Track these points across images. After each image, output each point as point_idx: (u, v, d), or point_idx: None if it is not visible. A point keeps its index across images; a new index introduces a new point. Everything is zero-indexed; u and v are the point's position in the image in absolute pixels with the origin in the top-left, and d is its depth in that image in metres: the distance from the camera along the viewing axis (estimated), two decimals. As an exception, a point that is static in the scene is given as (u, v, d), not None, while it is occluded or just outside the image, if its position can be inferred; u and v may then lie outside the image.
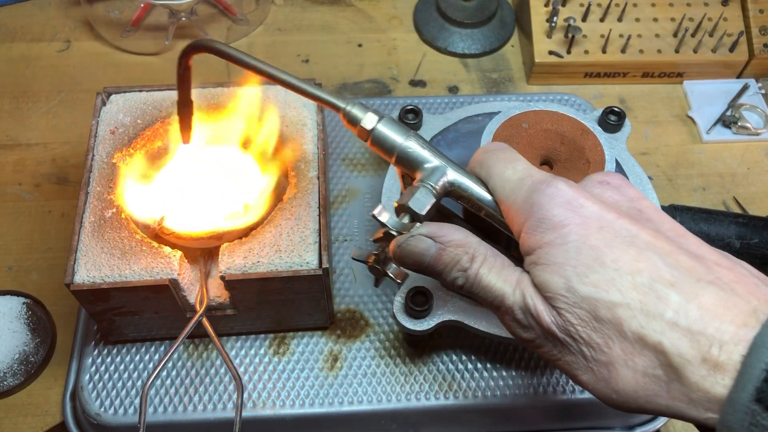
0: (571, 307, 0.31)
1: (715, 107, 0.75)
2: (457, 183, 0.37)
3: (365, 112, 0.38)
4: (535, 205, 0.33)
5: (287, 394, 0.53)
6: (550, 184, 0.33)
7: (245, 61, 0.38)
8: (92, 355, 0.54)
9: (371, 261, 0.39)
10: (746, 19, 0.76)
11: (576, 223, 0.31)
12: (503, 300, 0.34)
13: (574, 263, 0.31)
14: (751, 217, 0.57)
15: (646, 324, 0.29)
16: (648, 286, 0.29)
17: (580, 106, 0.71)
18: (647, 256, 0.30)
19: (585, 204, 0.32)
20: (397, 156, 0.38)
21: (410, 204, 0.36)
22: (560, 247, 0.31)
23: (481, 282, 0.35)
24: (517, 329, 0.34)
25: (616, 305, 0.30)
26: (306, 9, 0.85)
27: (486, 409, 0.53)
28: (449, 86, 0.78)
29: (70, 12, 0.83)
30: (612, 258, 0.30)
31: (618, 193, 0.34)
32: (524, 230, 0.33)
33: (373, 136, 0.38)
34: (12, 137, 0.72)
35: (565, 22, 0.76)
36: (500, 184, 0.36)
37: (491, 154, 0.37)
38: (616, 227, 0.31)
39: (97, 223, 0.49)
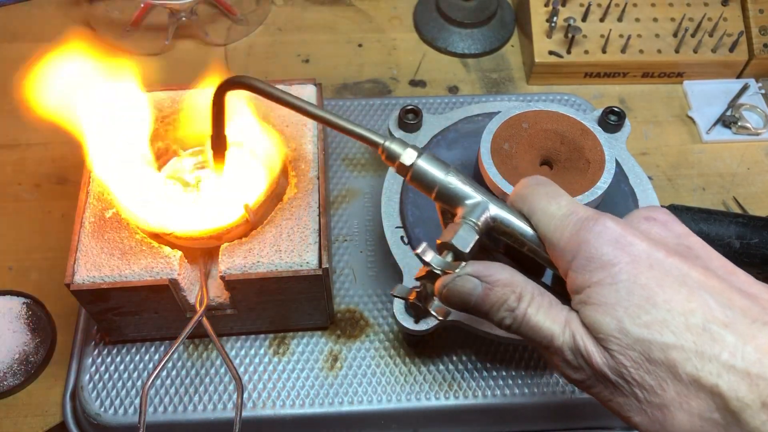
0: (624, 349, 0.30)
1: (715, 107, 0.75)
2: (500, 218, 0.37)
3: (404, 148, 0.38)
4: (582, 243, 0.32)
5: (287, 394, 0.53)
6: (598, 221, 0.33)
7: (281, 98, 0.38)
8: (92, 355, 0.54)
9: (413, 298, 0.39)
10: (746, 19, 0.76)
11: (625, 261, 0.31)
12: (552, 340, 0.33)
13: (626, 304, 0.30)
14: (751, 217, 0.57)
15: (702, 366, 0.28)
16: (702, 327, 0.29)
17: (580, 106, 0.71)
18: (699, 296, 0.30)
19: (634, 242, 0.32)
20: (438, 192, 0.38)
21: (454, 242, 0.36)
22: (610, 286, 0.31)
23: (529, 322, 0.34)
24: (567, 370, 0.33)
25: (670, 347, 0.29)
26: (306, 9, 0.85)
27: (486, 409, 0.53)
28: (449, 86, 0.78)
29: (70, 12, 0.83)
30: (664, 298, 0.30)
31: (665, 229, 0.34)
32: (571, 269, 0.33)
33: (413, 172, 0.38)
34: (12, 137, 0.72)
35: (565, 22, 0.76)
36: (544, 221, 0.35)
37: (533, 189, 0.36)
38: (666, 266, 0.31)
39: (97, 223, 0.49)
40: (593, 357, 0.31)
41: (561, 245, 0.34)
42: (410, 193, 0.55)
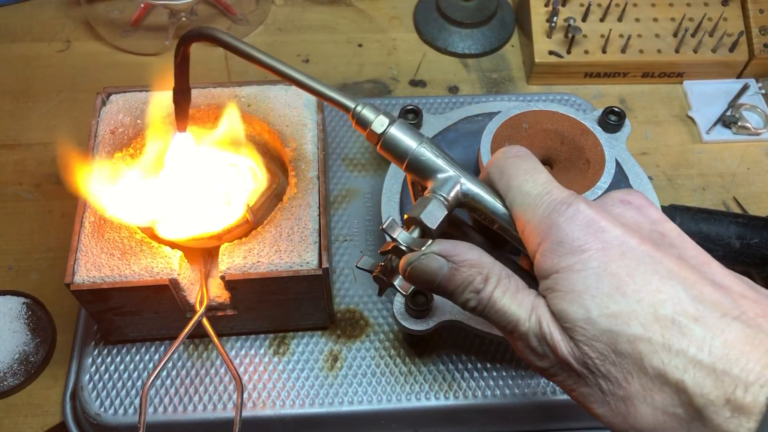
0: (590, 340, 0.30)
1: (715, 107, 0.75)
2: (471, 194, 0.36)
3: (376, 114, 0.36)
4: (553, 226, 0.31)
5: (287, 394, 0.53)
6: (571, 204, 0.32)
7: (247, 52, 0.36)
8: (92, 355, 0.54)
9: (377, 272, 0.37)
10: (746, 19, 0.76)
11: (596, 248, 0.30)
12: (517, 326, 0.32)
13: (594, 292, 0.29)
14: (751, 217, 0.57)
15: (668, 360, 0.28)
16: (671, 320, 0.28)
17: (580, 106, 0.71)
18: (671, 287, 0.29)
19: (606, 228, 0.31)
20: (408, 163, 0.36)
21: (422, 217, 0.34)
22: (579, 273, 0.30)
23: (494, 305, 0.33)
24: (530, 357, 0.33)
25: (637, 339, 0.28)
26: (306, 9, 0.85)
27: (486, 409, 0.53)
28: (449, 86, 0.78)
29: (70, 12, 0.83)
30: (634, 288, 0.29)
31: (640, 213, 0.33)
32: (540, 251, 0.32)
33: (384, 140, 0.36)
34: (12, 137, 0.72)
35: (565, 22, 0.76)
36: (518, 199, 0.34)
37: (511, 162, 0.35)
38: (638, 254, 0.30)
39: (97, 223, 0.49)
40: (558, 345, 0.31)
41: (531, 226, 0.33)
42: (410, 194, 0.55)
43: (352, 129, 0.67)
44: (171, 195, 0.52)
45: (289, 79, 0.36)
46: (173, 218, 0.50)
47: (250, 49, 0.37)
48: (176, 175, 0.53)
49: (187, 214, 0.51)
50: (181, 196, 0.52)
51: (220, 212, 0.50)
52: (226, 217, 0.49)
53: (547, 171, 0.35)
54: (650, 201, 0.34)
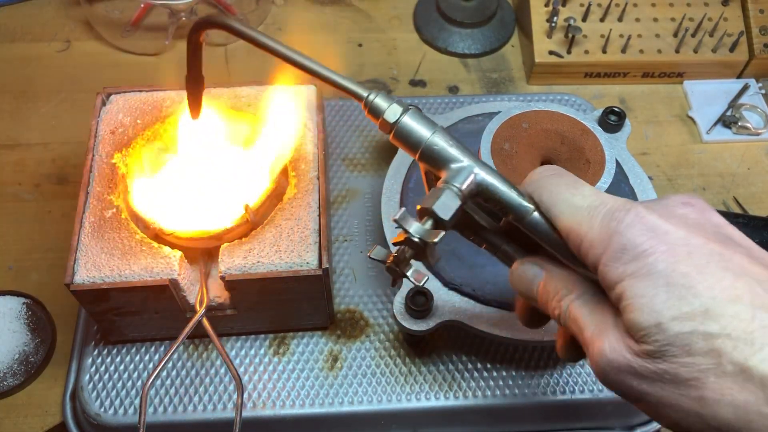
0: (663, 346, 0.28)
1: (716, 107, 0.75)
2: (485, 184, 0.35)
3: (389, 103, 0.35)
4: (614, 234, 0.30)
5: (287, 394, 0.53)
6: (630, 211, 0.31)
7: (259, 40, 0.36)
8: (92, 355, 0.54)
9: (390, 262, 0.37)
10: (746, 19, 0.76)
11: (662, 251, 0.29)
12: (587, 335, 0.32)
13: (664, 297, 0.28)
14: (751, 217, 0.57)
15: (752, 354, 0.27)
16: (750, 315, 0.27)
17: (580, 106, 0.71)
18: (745, 281, 0.28)
19: (669, 230, 0.30)
20: (422, 153, 0.35)
21: (434, 208, 0.34)
22: (646, 278, 0.29)
23: (571, 312, 0.33)
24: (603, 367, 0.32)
25: (714, 336, 0.27)
26: (306, 9, 0.85)
27: (486, 409, 0.53)
28: (449, 86, 0.78)
29: (70, 12, 0.83)
30: (706, 285, 0.28)
31: (703, 216, 0.32)
32: (603, 262, 0.31)
33: (397, 129, 0.35)
34: (12, 137, 0.72)
35: (565, 22, 0.76)
36: (568, 213, 0.33)
37: (551, 180, 0.34)
38: (706, 252, 0.29)
39: (97, 223, 0.49)
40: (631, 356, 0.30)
41: (589, 238, 0.32)
42: (410, 194, 0.55)
43: (352, 129, 0.67)
44: (175, 190, 0.52)
45: (301, 66, 0.36)
46: (175, 214, 0.50)
47: (261, 37, 0.36)
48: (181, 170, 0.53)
49: (188, 211, 0.51)
50: (184, 193, 0.52)
51: (221, 211, 0.50)
52: (226, 217, 0.49)
53: (589, 184, 0.34)
54: (711, 207, 0.33)
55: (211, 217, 0.50)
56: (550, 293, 0.35)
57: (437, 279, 0.51)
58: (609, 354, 0.31)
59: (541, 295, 0.35)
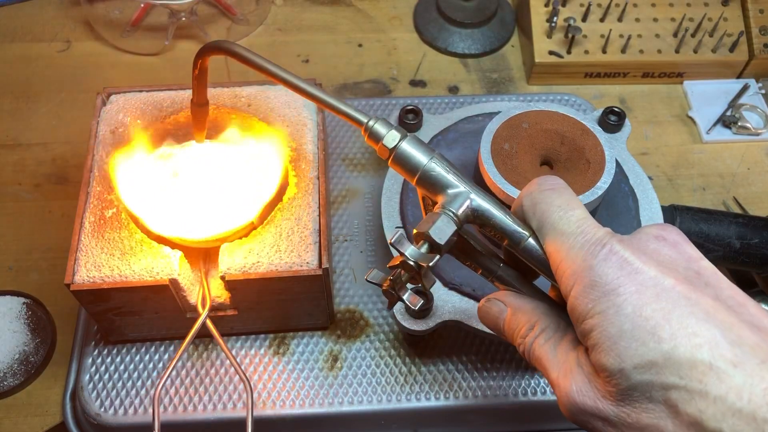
0: (625, 390, 0.29)
1: (715, 107, 0.75)
2: (481, 210, 0.36)
3: (388, 130, 0.36)
4: (587, 268, 0.31)
5: (287, 394, 0.53)
6: (605, 245, 0.31)
7: (261, 65, 0.37)
8: (92, 355, 0.54)
9: (386, 286, 0.38)
10: (746, 19, 0.76)
11: (631, 291, 0.29)
12: (551, 375, 0.33)
13: (628, 341, 0.29)
14: (751, 217, 0.57)
15: (705, 408, 0.27)
16: (708, 366, 0.27)
17: (580, 106, 0.71)
18: (707, 330, 0.28)
19: (640, 268, 0.30)
20: (419, 178, 0.36)
21: (430, 233, 0.34)
22: (614, 318, 0.29)
23: (534, 352, 0.34)
24: (565, 406, 0.32)
25: (671, 387, 0.28)
26: (306, 9, 0.85)
27: (486, 409, 0.53)
28: (449, 86, 0.78)
29: (70, 12, 0.83)
30: (670, 333, 0.28)
31: (675, 251, 0.32)
32: (573, 294, 0.31)
33: (395, 155, 0.36)
34: (12, 137, 0.72)
35: (565, 22, 0.76)
36: (551, 237, 0.33)
37: (545, 196, 0.34)
38: (673, 295, 0.29)
39: (97, 223, 0.49)
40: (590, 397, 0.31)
41: (564, 266, 0.32)
42: (410, 193, 0.55)
43: (353, 129, 0.67)
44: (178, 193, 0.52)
45: (303, 92, 0.37)
46: (178, 217, 0.50)
47: (265, 63, 0.37)
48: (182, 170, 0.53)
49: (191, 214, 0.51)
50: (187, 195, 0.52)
51: (225, 211, 0.50)
52: (230, 217, 0.49)
53: (582, 205, 0.34)
54: (684, 237, 0.33)
55: (212, 218, 0.50)
56: (514, 329, 0.36)
57: (437, 279, 0.51)
58: (576, 396, 0.31)
59: (507, 332, 0.36)
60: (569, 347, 0.33)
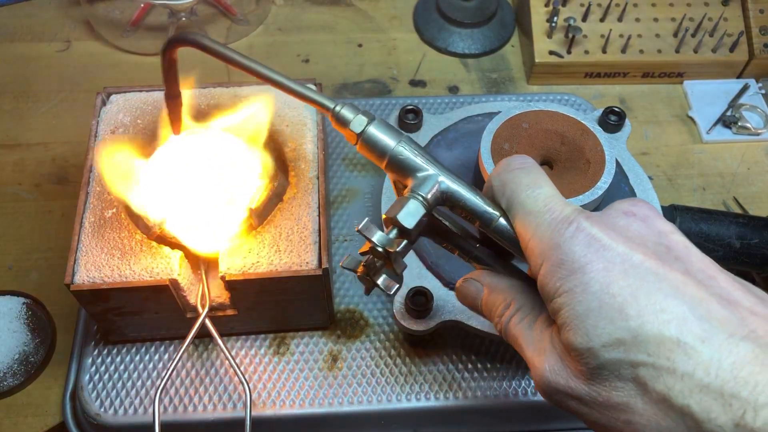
0: (595, 369, 0.29)
1: (716, 107, 0.75)
2: (450, 192, 0.35)
3: (355, 114, 0.36)
4: (554, 246, 0.31)
5: (287, 394, 0.53)
6: (572, 222, 0.31)
7: (229, 56, 0.37)
8: (92, 355, 0.54)
9: (360, 271, 0.38)
10: (746, 19, 0.76)
11: (598, 269, 0.29)
12: (527, 354, 0.33)
13: (595, 319, 0.29)
14: (751, 217, 0.57)
15: (673, 384, 0.27)
16: (676, 342, 0.27)
17: (580, 106, 0.71)
18: (675, 306, 0.28)
19: (609, 245, 0.30)
20: (388, 162, 0.36)
21: (398, 218, 0.34)
22: (581, 297, 0.29)
23: (510, 330, 0.34)
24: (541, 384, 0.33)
25: (640, 365, 0.28)
26: (306, 9, 0.85)
27: (486, 409, 0.53)
28: (449, 86, 0.78)
29: (70, 12, 0.83)
30: (637, 309, 0.28)
31: (645, 225, 0.31)
32: (542, 272, 0.31)
33: (362, 139, 0.36)
34: (12, 137, 0.72)
35: (566, 22, 0.76)
36: (520, 216, 0.33)
37: (514, 175, 0.34)
38: (641, 271, 0.29)
39: (97, 223, 0.49)
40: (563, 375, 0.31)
41: (532, 245, 0.32)
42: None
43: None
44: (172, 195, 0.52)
45: (272, 81, 0.37)
46: (175, 220, 0.50)
47: (231, 53, 0.37)
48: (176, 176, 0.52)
49: (188, 216, 0.51)
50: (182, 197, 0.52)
51: (221, 213, 0.50)
52: (228, 218, 0.49)
53: (550, 183, 0.34)
54: (656, 211, 0.32)
55: (211, 218, 0.50)
56: (491, 308, 0.36)
57: (437, 279, 0.51)
58: (549, 375, 0.32)
59: (485, 311, 0.36)
60: (544, 326, 0.33)
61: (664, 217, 0.32)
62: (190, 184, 0.52)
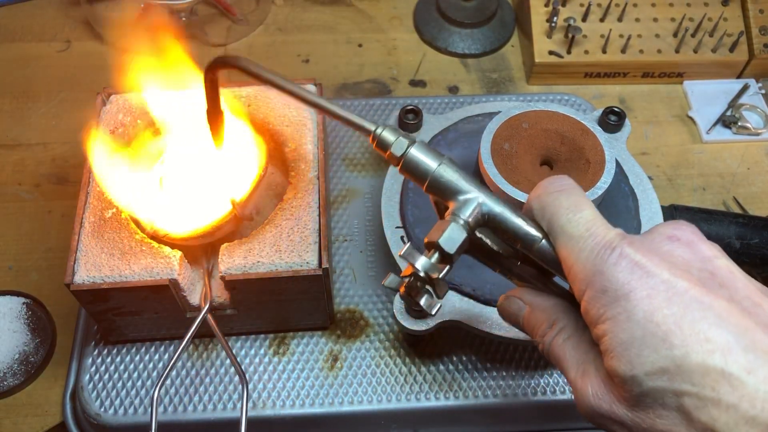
0: (640, 397, 0.29)
1: (715, 107, 0.75)
2: (492, 214, 0.35)
3: (396, 137, 0.36)
4: (597, 273, 0.30)
5: (287, 394, 0.53)
6: (615, 249, 0.30)
7: (271, 80, 0.37)
8: (92, 355, 0.54)
9: (403, 291, 0.38)
10: (746, 19, 0.76)
11: (641, 296, 0.29)
12: (570, 375, 0.33)
13: (639, 348, 0.28)
14: (751, 217, 0.57)
15: (718, 416, 0.26)
16: (720, 373, 0.27)
17: (580, 106, 0.71)
18: (720, 335, 0.27)
19: (653, 271, 0.29)
20: (429, 184, 0.36)
21: (440, 242, 0.34)
22: (625, 324, 0.29)
23: (553, 351, 0.34)
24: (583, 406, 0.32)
25: (684, 394, 0.27)
26: (306, 9, 0.85)
27: (486, 409, 0.53)
28: (449, 86, 0.78)
29: (70, 12, 0.83)
30: (681, 339, 0.27)
31: (690, 251, 0.31)
32: (586, 299, 0.31)
33: (404, 162, 0.36)
34: (12, 137, 0.72)
35: (565, 22, 0.76)
36: (561, 240, 0.33)
37: (554, 198, 0.34)
38: (686, 299, 0.28)
39: (97, 223, 0.49)
40: (606, 401, 0.31)
41: (575, 270, 0.32)
42: (410, 193, 0.55)
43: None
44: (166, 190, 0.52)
45: (312, 104, 0.37)
46: (169, 214, 0.50)
47: (273, 77, 0.37)
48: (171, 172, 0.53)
49: (181, 211, 0.50)
50: (175, 192, 0.52)
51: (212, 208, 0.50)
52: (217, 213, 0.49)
53: (592, 206, 0.33)
54: (700, 234, 0.32)
55: (202, 214, 0.50)
56: (534, 327, 0.35)
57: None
58: (592, 400, 0.31)
59: (527, 329, 0.36)
60: (587, 347, 0.33)
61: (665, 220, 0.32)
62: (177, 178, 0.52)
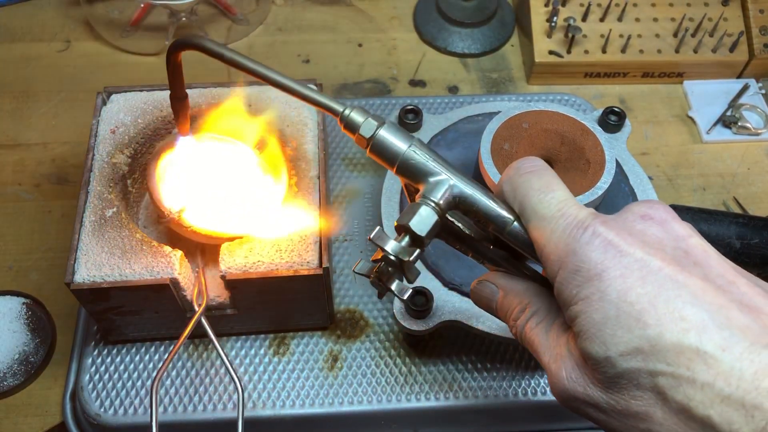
0: (614, 378, 0.28)
1: (716, 107, 0.75)
2: (463, 197, 0.34)
3: (365, 117, 0.35)
4: (570, 252, 0.30)
5: (287, 394, 0.53)
6: (587, 227, 0.30)
7: (232, 59, 0.36)
8: (92, 355, 0.54)
9: (373, 277, 0.37)
10: (746, 19, 0.76)
11: (615, 275, 0.28)
12: (543, 359, 0.32)
13: (613, 327, 0.28)
14: (751, 217, 0.57)
15: (693, 395, 0.26)
16: (695, 351, 0.26)
17: (580, 106, 0.71)
18: (695, 313, 0.27)
19: (626, 250, 0.29)
20: (398, 167, 0.35)
21: (411, 225, 0.33)
22: (598, 304, 0.29)
23: (526, 335, 0.34)
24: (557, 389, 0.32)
25: (659, 374, 0.27)
26: (306, 9, 0.85)
27: (486, 409, 0.53)
28: (449, 86, 0.78)
29: (70, 12, 0.83)
30: (656, 317, 0.27)
31: (663, 229, 0.30)
32: (558, 279, 0.30)
33: (373, 144, 0.35)
34: (12, 137, 0.72)
35: (565, 22, 0.76)
36: (533, 221, 0.32)
37: (525, 179, 0.33)
38: (660, 278, 0.28)
39: (98, 223, 0.49)
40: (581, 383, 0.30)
41: (547, 250, 0.31)
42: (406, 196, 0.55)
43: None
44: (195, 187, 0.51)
45: (277, 84, 0.36)
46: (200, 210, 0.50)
47: (234, 55, 0.36)
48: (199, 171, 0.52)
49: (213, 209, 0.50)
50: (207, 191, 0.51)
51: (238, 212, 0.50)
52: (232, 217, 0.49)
53: (563, 186, 0.33)
54: (673, 213, 0.31)
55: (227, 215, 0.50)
56: (506, 311, 0.35)
57: (437, 279, 0.51)
58: (566, 383, 0.31)
59: (500, 314, 0.36)
60: (560, 331, 0.32)
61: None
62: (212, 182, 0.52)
